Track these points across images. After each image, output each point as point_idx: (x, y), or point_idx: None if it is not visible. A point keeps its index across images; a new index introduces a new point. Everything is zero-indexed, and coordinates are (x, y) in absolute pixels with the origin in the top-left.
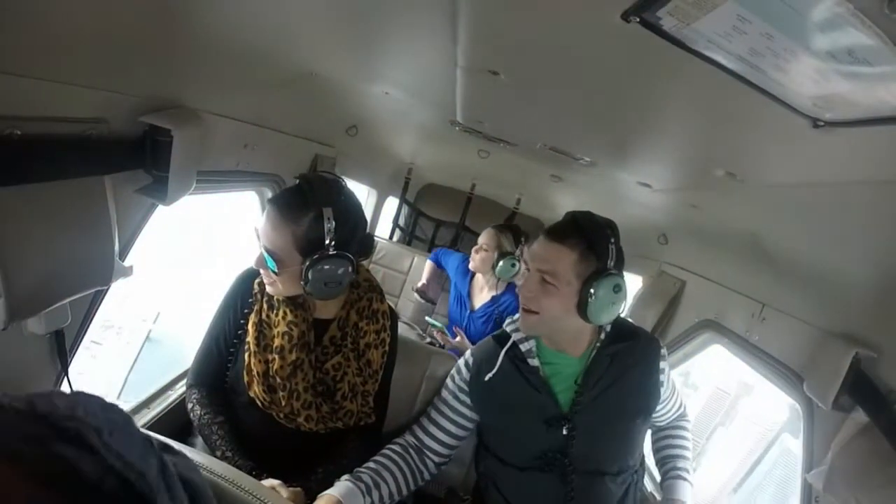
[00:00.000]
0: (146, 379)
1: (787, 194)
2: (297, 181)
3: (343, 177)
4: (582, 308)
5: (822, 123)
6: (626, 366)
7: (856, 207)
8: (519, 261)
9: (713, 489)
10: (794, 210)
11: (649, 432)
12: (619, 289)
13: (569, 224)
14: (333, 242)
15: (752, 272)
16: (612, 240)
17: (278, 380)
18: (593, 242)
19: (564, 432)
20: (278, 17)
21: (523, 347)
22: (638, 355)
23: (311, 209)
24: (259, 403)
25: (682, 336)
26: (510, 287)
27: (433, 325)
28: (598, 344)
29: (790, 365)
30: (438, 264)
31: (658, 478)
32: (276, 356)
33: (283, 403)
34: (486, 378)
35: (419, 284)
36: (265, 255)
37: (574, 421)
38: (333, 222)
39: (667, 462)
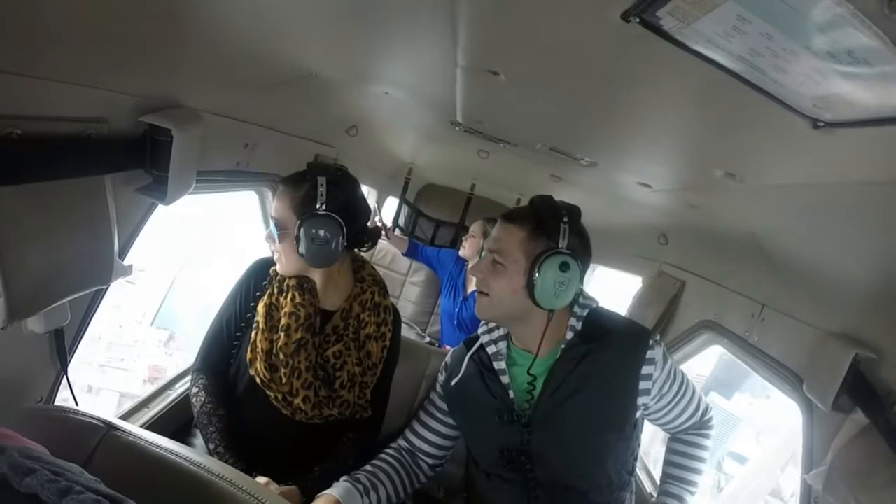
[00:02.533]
0: (173, 315)
1: (786, 195)
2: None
3: None
4: (530, 289)
5: (822, 124)
6: (596, 370)
7: (856, 208)
8: None
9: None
10: (794, 211)
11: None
12: (566, 267)
13: (522, 207)
14: (324, 206)
15: (751, 273)
16: (566, 219)
17: (281, 357)
18: (543, 221)
19: (521, 434)
20: (278, 17)
21: (490, 350)
22: (612, 357)
23: (309, 179)
24: (259, 380)
25: (682, 337)
26: None
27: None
28: (562, 345)
29: (790, 366)
30: (415, 252)
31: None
32: (282, 334)
33: (284, 381)
34: (453, 383)
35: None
36: (272, 225)
37: (532, 426)
38: (325, 188)
39: (664, 482)
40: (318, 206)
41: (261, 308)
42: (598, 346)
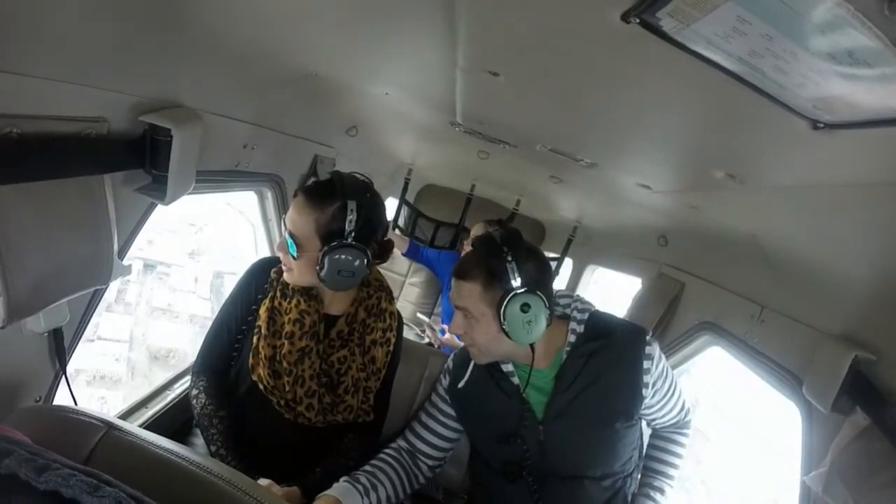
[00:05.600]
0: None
1: (786, 196)
2: (331, 175)
3: None
4: (505, 332)
5: (822, 125)
6: (604, 365)
7: (856, 209)
8: None
9: None
10: (794, 212)
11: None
12: (528, 307)
13: (470, 256)
14: (353, 234)
15: (751, 274)
16: (510, 258)
17: (285, 364)
18: (492, 268)
19: (538, 439)
20: (278, 17)
21: None
22: (616, 353)
23: (337, 200)
24: (262, 387)
25: (682, 338)
26: None
27: (423, 321)
28: (567, 347)
29: (789, 367)
30: (415, 253)
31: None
32: (286, 341)
33: (287, 389)
34: (460, 385)
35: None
36: (287, 238)
37: (545, 428)
38: (356, 215)
39: (646, 475)
40: (346, 234)
41: (263, 312)
42: (604, 345)
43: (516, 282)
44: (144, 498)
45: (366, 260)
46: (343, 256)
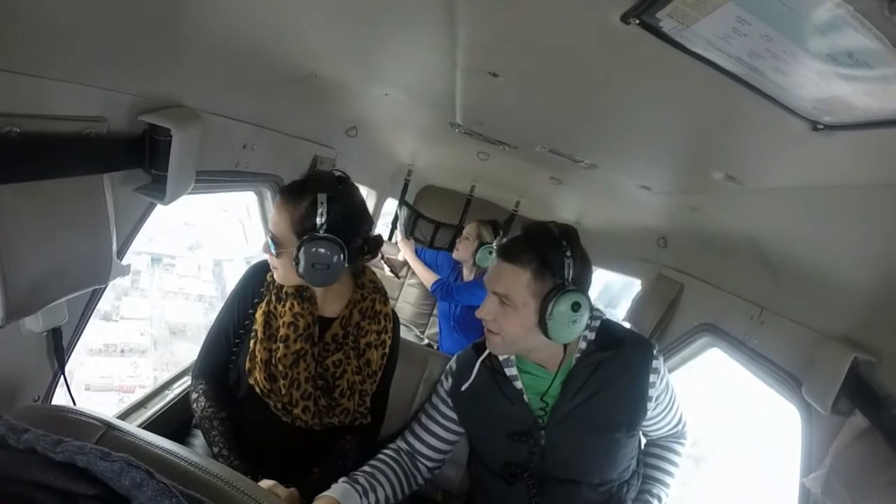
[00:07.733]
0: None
1: (786, 197)
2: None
3: None
4: (543, 326)
5: (822, 126)
6: (611, 376)
7: (855, 211)
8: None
9: None
10: (794, 213)
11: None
12: (578, 306)
13: (520, 241)
14: (325, 227)
15: (751, 275)
16: (569, 253)
17: (280, 368)
18: (547, 259)
19: (539, 443)
20: (278, 17)
21: (501, 357)
22: (624, 365)
23: (309, 195)
24: (258, 391)
25: (681, 339)
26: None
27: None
28: (577, 354)
29: (789, 369)
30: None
31: None
32: (281, 345)
33: (283, 392)
34: (463, 388)
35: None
36: (269, 239)
37: (548, 433)
38: (325, 207)
39: (645, 483)
40: (318, 226)
41: (259, 316)
42: (613, 355)
43: (570, 278)
44: (152, 470)
45: (342, 253)
46: (316, 249)
